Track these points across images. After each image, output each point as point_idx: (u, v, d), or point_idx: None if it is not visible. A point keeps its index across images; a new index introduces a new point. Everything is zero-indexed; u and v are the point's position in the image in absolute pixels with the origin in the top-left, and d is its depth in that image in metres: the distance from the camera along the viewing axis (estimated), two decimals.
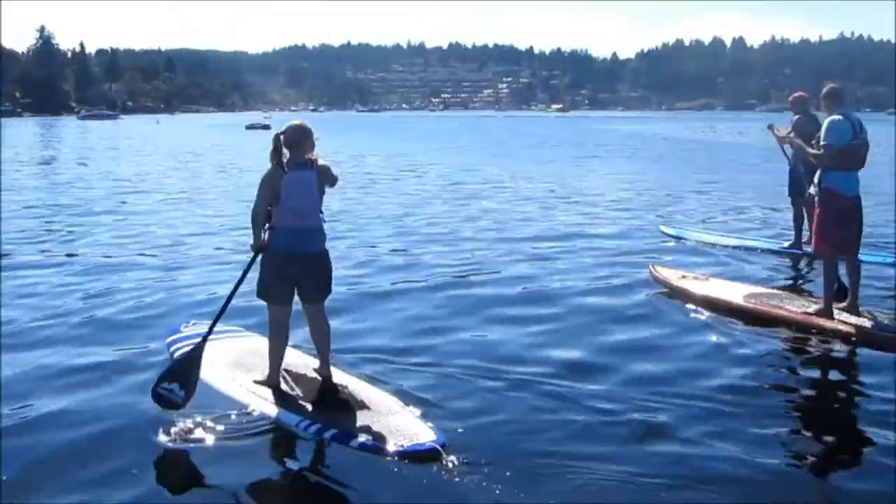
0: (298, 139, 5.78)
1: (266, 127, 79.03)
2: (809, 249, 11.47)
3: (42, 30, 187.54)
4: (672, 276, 9.48)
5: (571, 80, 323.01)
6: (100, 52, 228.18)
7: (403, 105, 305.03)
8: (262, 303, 6.12)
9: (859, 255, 8.27)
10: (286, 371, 6.21)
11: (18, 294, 9.49)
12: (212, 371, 6.17)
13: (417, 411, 5.70)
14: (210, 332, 5.98)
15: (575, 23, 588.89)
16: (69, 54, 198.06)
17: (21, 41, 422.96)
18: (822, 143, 7.89)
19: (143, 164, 33.07)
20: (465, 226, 15.22)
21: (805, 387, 6.76)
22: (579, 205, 18.66)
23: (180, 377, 5.66)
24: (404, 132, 71.18)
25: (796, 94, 12.05)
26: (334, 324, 6.53)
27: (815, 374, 7.14)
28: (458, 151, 42.46)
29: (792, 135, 10.96)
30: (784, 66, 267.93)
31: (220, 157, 36.98)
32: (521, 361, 7.02)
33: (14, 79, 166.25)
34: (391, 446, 5.12)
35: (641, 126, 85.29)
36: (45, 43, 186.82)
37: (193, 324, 7.48)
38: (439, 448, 5.04)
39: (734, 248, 12.51)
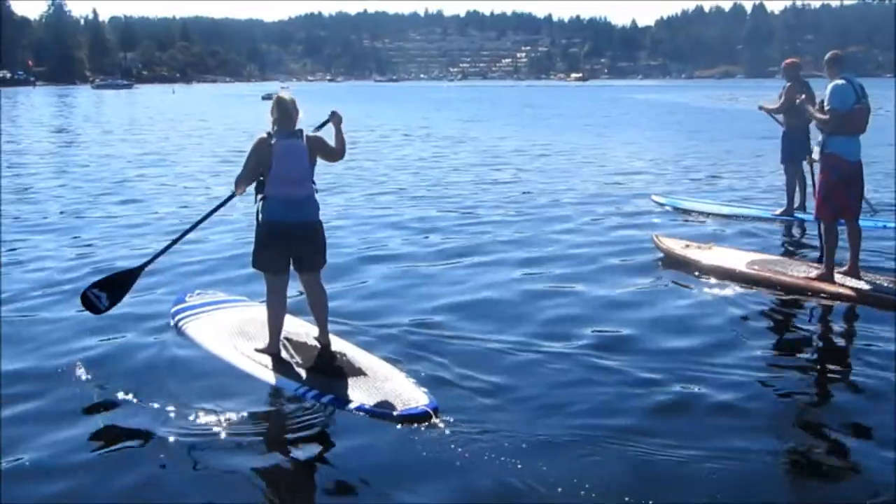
0: (287, 111, 5.86)
1: None
2: (801, 215, 11.53)
3: None
4: (675, 244, 9.45)
5: (591, 48, 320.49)
6: (113, 19, 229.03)
7: (421, 75, 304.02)
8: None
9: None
10: (287, 339, 6.29)
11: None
12: (216, 340, 6.37)
13: (413, 377, 5.77)
14: (150, 261, 6.59)
15: None
16: (82, 22, 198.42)
17: (33, 8, 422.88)
18: (826, 107, 7.87)
19: (163, 133, 33.19)
20: (480, 193, 15.29)
21: (808, 350, 6.82)
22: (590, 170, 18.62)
23: (110, 289, 6.34)
24: (433, 103, 70.78)
25: (788, 61, 12.17)
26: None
27: (818, 336, 7.19)
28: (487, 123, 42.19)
29: (773, 107, 11.59)
30: (805, 31, 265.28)
31: (240, 127, 36.85)
32: (521, 329, 7.06)
33: (27, 46, 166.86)
34: (385, 409, 5.21)
35: (658, 95, 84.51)
36: (57, 10, 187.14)
37: (198, 293, 7.61)
38: (431, 411, 5.13)
39: (726, 216, 12.46)
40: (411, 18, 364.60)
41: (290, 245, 5.92)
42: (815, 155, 8.21)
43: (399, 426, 5.09)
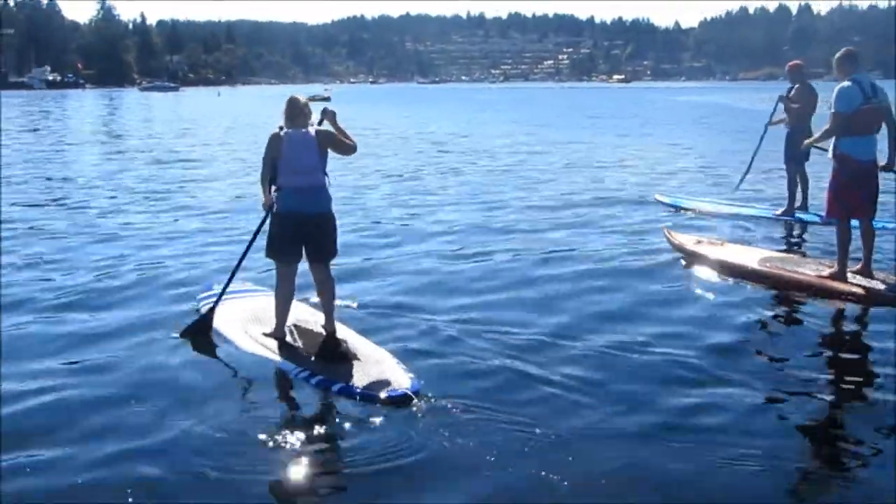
0: (296, 113, 6.19)
1: (326, 99, 79.16)
2: (802, 215, 11.73)
3: (102, 2, 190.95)
4: (687, 240, 9.55)
5: (633, 50, 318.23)
6: (160, 23, 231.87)
7: (463, 77, 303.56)
8: None
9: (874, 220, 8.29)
10: (295, 325, 6.64)
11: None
12: (229, 324, 6.79)
13: (405, 362, 6.04)
14: (220, 298, 6.87)
15: None
16: (130, 25, 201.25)
17: (82, 12, 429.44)
18: (830, 110, 7.92)
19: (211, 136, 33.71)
20: (508, 193, 15.44)
21: (818, 349, 6.79)
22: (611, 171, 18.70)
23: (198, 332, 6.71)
24: (479, 105, 70.92)
25: (792, 63, 12.30)
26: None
27: (830, 335, 7.17)
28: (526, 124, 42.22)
29: (793, 105, 11.69)
30: (852, 33, 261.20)
31: None
32: (525, 324, 7.21)
33: (76, 50, 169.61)
34: (368, 391, 5.55)
35: (700, 97, 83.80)
36: (106, 14, 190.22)
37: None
38: (411, 394, 5.42)
39: (728, 215, 12.51)
40: (453, 21, 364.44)
41: (301, 235, 6.17)
42: (830, 153, 8.21)
43: (382, 407, 5.39)
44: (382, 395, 5.49)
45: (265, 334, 6.53)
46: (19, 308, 7.69)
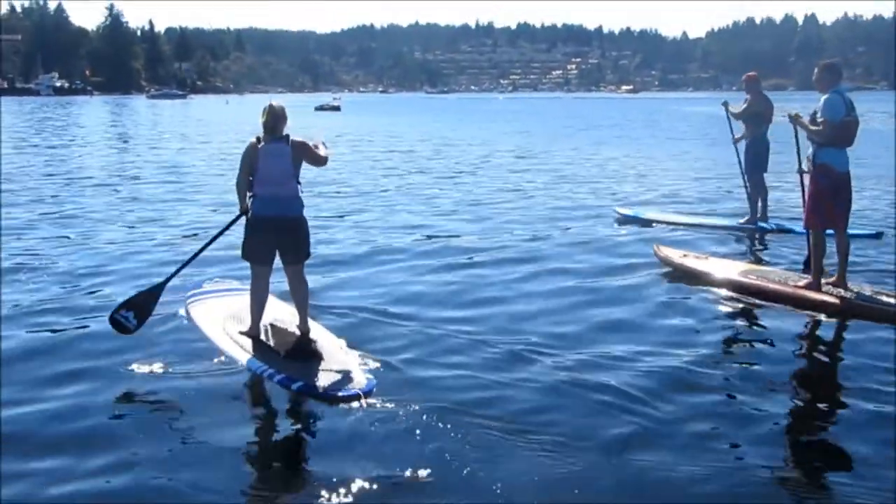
0: (276, 119, 6.43)
1: (336, 108, 79.58)
2: (764, 224, 11.86)
3: (111, 8, 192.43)
4: (674, 254, 9.64)
5: (641, 60, 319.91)
6: (169, 30, 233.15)
7: (472, 87, 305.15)
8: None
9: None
10: (272, 324, 6.86)
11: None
12: (209, 322, 7.04)
13: (368, 362, 6.28)
14: (170, 278, 6.94)
15: (645, 2, 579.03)
16: (138, 32, 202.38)
17: (91, 19, 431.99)
18: (819, 118, 8.00)
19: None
20: (503, 203, 15.57)
21: (787, 358, 6.80)
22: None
23: (136, 308, 6.67)
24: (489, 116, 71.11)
25: (748, 74, 12.41)
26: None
27: (802, 345, 7.22)
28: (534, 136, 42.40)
29: (737, 111, 12.05)
30: (857, 43, 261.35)
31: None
32: (516, 331, 7.31)
33: (84, 56, 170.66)
34: (322, 390, 5.74)
35: (707, 108, 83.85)
36: (114, 20, 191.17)
37: (216, 281, 8.31)
38: (361, 394, 5.62)
39: (690, 225, 12.56)
40: (462, 30, 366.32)
41: (274, 237, 6.44)
42: (806, 166, 8.28)
43: (333, 406, 5.59)
44: (339, 393, 5.66)
45: (241, 332, 6.74)
46: None
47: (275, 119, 6.42)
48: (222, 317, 7.13)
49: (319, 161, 6.63)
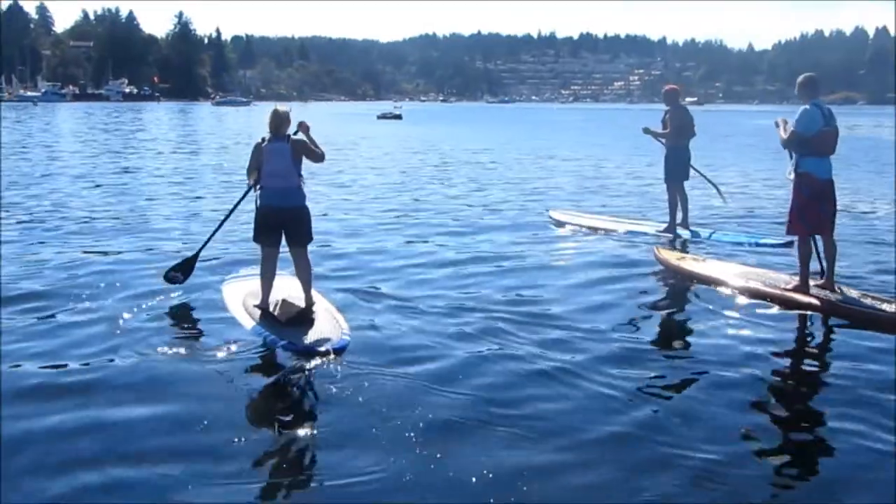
0: (279, 122, 7.48)
1: (398, 117, 79.60)
2: (682, 232, 12.33)
3: (180, 16, 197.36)
4: (672, 256, 10.12)
5: (706, 71, 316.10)
6: (235, 38, 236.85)
7: (533, 97, 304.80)
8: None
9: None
10: (284, 299, 7.82)
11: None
12: (233, 297, 8.23)
13: (352, 328, 7.29)
14: (203, 246, 8.74)
15: (710, 12, 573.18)
16: (206, 40, 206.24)
17: (160, 27, 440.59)
18: (790, 129, 8.46)
19: None
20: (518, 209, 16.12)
21: (771, 360, 7.00)
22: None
23: (183, 269, 8.64)
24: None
25: (668, 87, 12.76)
26: None
27: (790, 346, 7.50)
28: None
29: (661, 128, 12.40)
30: None
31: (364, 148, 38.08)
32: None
33: (152, 63, 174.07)
34: (302, 346, 6.79)
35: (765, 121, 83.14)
36: (183, 28, 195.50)
37: (250, 268, 9.14)
38: (331, 350, 6.67)
39: (610, 231, 12.77)
40: (524, 40, 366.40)
41: (279, 224, 7.45)
42: (789, 175, 8.68)
43: (309, 359, 6.61)
44: (316, 349, 6.69)
45: (254, 305, 7.75)
46: None
47: (278, 121, 7.45)
48: (244, 294, 8.16)
49: (317, 156, 7.55)
